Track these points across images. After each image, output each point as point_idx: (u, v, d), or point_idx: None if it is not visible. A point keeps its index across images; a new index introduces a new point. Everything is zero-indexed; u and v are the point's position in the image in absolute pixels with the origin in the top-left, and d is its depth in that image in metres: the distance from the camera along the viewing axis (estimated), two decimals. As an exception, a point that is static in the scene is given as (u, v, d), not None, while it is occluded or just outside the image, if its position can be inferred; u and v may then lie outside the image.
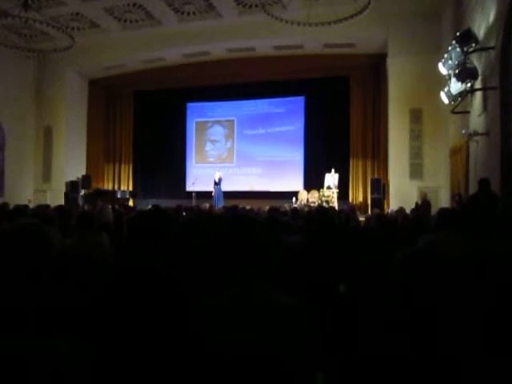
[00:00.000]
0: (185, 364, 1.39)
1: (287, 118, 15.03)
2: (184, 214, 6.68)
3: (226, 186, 13.65)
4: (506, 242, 2.72)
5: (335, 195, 12.25)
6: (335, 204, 11.79)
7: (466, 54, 7.42)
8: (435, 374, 1.34)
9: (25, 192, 14.27)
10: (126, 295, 1.78)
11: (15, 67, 13.97)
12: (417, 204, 9.81)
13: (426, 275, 1.44)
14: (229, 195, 13.34)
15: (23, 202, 10.22)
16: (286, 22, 9.45)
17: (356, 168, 13.84)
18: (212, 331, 1.35)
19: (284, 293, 1.43)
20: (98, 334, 1.62)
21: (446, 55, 8.10)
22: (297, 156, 14.89)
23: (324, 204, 11.45)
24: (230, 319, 1.34)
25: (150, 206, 8.85)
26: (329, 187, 12.35)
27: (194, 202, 12.36)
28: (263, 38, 12.68)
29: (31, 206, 8.36)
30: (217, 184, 13.37)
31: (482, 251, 2.32)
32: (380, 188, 12.12)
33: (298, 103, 14.98)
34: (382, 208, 11.32)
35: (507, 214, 5.94)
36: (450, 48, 7.84)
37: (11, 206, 6.58)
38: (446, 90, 8.39)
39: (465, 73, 7.42)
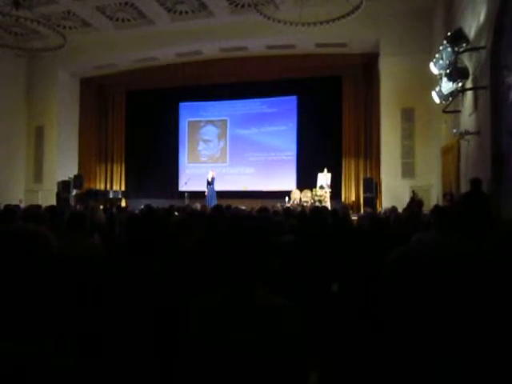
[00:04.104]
0: (177, 366, 1.38)
1: (280, 118, 15.03)
2: (176, 213, 6.66)
3: (218, 186, 13.62)
4: (496, 241, 2.75)
5: (328, 194, 12.28)
6: (328, 203, 11.83)
7: (457, 53, 7.47)
8: (428, 372, 1.34)
9: (16, 192, 14.13)
10: (120, 297, 1.77)
11: (6, 66, 13.84)
12: (412, 199, 9.82)
13: (420, 274, 1.45)
14: (222, 195, 13.31)
15: (14, 202, 10.12)
16: (279, 21, 9.45)
17: (348, 167, 13.89)
18: (203, 332, 1.34)
19: (277, 293, 1.43)
20: (90, 335, 1.61)
21: (437, 55, 8.15)
22: (289, 155, 14.90)
23: (317, 203, 11.49)
24: (221, 320, 1.34)
25: (142, 207, 8.82)
26: (321, 187, 12.38)
27: (186, 202, 12.32)
28: (255, 38, 12.68)
29: (22, 206, 8.30)
30: (210, 184, 13.30)
31: (475, 251, 2.34)
32: (372, 187, 12.20)
33: (290, 103, 14.98)
34: (374, 207, 11.39)
35: (498, 212, 5.99)
36: (441, 48, 7.89)
37: (1, 206, 6.53)
38: (437, 89, 8.44)
39: (456, 72, 7.48)
